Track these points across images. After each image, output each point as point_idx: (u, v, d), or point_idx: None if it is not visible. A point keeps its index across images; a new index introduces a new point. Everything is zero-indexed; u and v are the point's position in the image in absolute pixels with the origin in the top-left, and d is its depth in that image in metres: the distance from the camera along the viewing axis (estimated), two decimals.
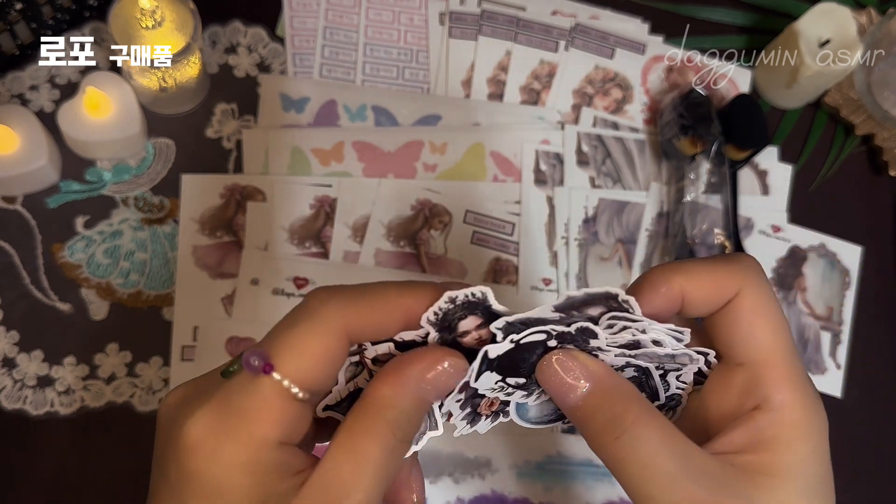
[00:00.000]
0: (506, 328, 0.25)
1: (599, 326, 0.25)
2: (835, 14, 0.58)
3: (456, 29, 0.59)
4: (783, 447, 0.25)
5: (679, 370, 0.27)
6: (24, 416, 0.49)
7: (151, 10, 0.49)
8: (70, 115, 0.51)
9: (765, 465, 0.24)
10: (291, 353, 0.24)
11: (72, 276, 0.52)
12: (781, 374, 0.25)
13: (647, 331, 0.26)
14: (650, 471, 0.24)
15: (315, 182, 0.55)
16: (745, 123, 0.56)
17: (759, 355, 0.25)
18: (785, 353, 0.25)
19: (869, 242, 0.60)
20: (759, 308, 0.26)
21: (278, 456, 0.24)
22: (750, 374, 0.25)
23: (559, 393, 0.25)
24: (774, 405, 0.25)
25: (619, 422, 0.24)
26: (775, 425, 0.25)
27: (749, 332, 0.25)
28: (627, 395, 0.25)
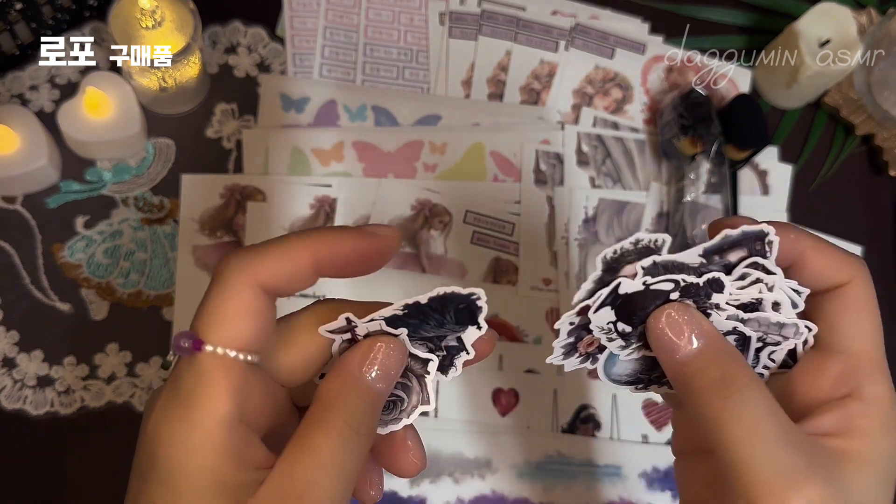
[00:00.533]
0: (650, 269, 0.25)
1: (731, 277, 0.26)
2: (835, 14, 0.58)
3: (456, 29, 0.60)
4: (872, 437, 0.25)
5: (777, 345, 0.28)
6: (24, 416, 0.49)
7: (151, 10, 0.49)
8: (70, 115, 0.51)
9: (853, 451, 0.25)
10: (214, 321, 0.24)
11: (72, 276, 0.52)
12: (878, 368, 0.26)
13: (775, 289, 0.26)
14: (755, 432, 0.24)
15: (315, 182, 0.55)
16: (745, 123, 0.56)
17: (860, 346, 0.26)
18: (881, 350, 0.27)
19: (869, 242, 0.60)
20: (868, 301, 0.27)
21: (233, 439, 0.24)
22: (848, 363, 0.26)
23: (669, 346, 0.26)
24: (867, 395, 0.26)
25: (731, 381, 0.25)
26: (867, 416, 0.25)
27: (856, 321, 0.27)
28: (738, 359, 0.26)
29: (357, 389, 0.25)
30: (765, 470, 0.24)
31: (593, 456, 0.52)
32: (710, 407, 0.25)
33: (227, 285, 0.25)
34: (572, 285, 0.55)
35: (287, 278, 0.25)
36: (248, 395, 0.24)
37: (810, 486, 0.23)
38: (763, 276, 0.26)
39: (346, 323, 0.26)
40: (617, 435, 0.53)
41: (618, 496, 0.52)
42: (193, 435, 0.23)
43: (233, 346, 0.24)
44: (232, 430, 0.24)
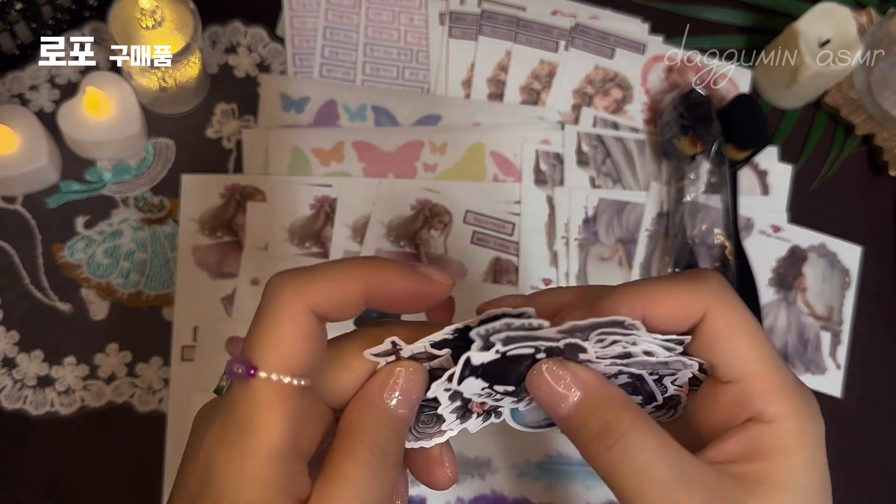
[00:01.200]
0: (505, 340, 0.24)
1: (589, 342, 0.25)
2: (835, 14, 0.58)
3: (456, 29, 0.59)
4: (778, 457, 0.24)
5: (674, 374, 0.27)
6: (24, 416, 0.49)
7: (151, 10, 0.49)
8: (70, 115, 0.51)
9: (760, 475, 0.24)
10: (267, 346, 0.24)
11: (72, 276, 0.52)
12: (771, 387, 0.25)
13: (639, 343, 0.25)
14: (644, 479, 0.23)
15: (315, 182, 0.55)
16: (745, 123, 0.56)
17: (744, 371, 0.25)
18: (771, 365, 0.25)
19: (869, 242, 0.60)
20: (732, 324, 0.25)
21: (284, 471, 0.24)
22: (739, 390, 0.25)
23: (550, 403, 0.25)
24: (768, 417, 0.25)
25: (612, 430, 0.24)
26: (770, 436, 0.24)
27: (729, 350, 0.25)
28: (620, 403, 0.25)
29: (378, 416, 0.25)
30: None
31: None
32: (598, 459, 0.24)
33: (279, 309, 0.24)
34: (572, 285, 0.55)
35: (337, 305, 0.25)
36: (301, 421, 0.24)
37: None
38: (619, 338, 0.25)
39: (391, 346, 0.25)
40: None
41: None
42: (248, 465, 0.23)
43: (286, 372, 0.24)
44: (284, 462, 0.24)
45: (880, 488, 0.56)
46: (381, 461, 0.24)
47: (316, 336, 0.25)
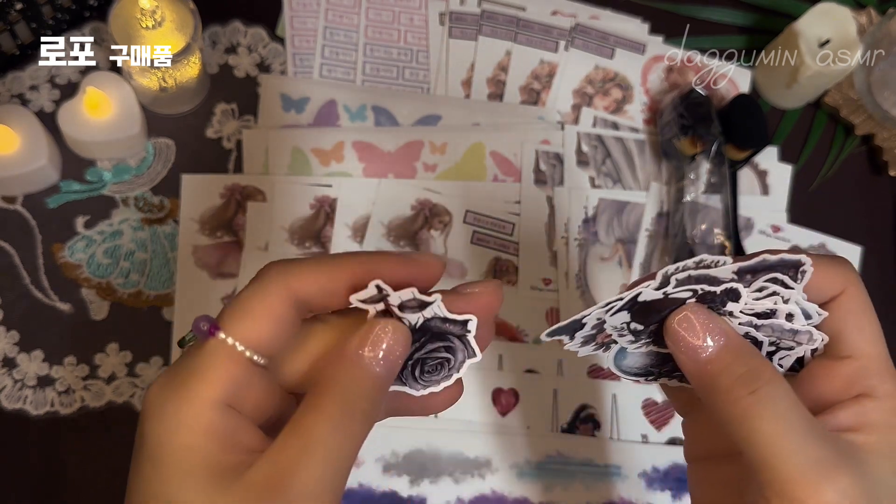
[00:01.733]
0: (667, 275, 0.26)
1: (750, 288, 0.26)
2: (834, 14, 0.58)
3: (456, 29, 0.60)
4: (886, 431, 0.26)
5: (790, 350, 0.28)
6: (24, 415, 0.49)
7: (151, 11, 0.49)
8: (70, 115, 0.51)
9: (870, 444, 0.26)
10: (238, 315, 0.25)
11: (72, 276, 0.52)
12: (885, 368, 0.27)
13: (790, 301, 0.27)
14: (785, 426, 0.24)
15: (315, 182, 0.55)
16: (745, 123, 0.56)
17: (867, 349, 0.27)
18: (886, 352, 0.28)
19: (869, 242, 0.60)
20: (864, 306, 0.28)
21: (223, 420, 0.24)
22: (857, 366, 0.27)
23: (691, 347, 0.26)
24: (880, 394, 0.26)
25: (757, 376, 0.25)
26: (882, 411, 0.26)
27: (859, 326, 0.27)
28: (760, 354, 0.26)
29: (354, 372, 0.25)
30: (797, 462, 0.24)
31: (593, 455, 0.52)
32: (736, 403, 0.25)
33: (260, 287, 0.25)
34: (572, 285, 0.55)
35: (321, 294, 0.26)
36: (247, 389, 0.25)
37: (842, 477, 0.24)
38: (780, 290, 0.27)
39: (377, 291, 0.25)
40: (617, 435, 0.53)
41: (617, 496, 0.52)
42: (181, 412, 0.23)
43: (244, 343, 0.24)
44: (224, 414, 0.24)
45: None
46: (349, 418, 0.24)
47: (285, 321, 0.25)
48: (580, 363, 0.54)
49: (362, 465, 0.50)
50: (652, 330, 0.28)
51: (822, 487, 0.23)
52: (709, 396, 0.26)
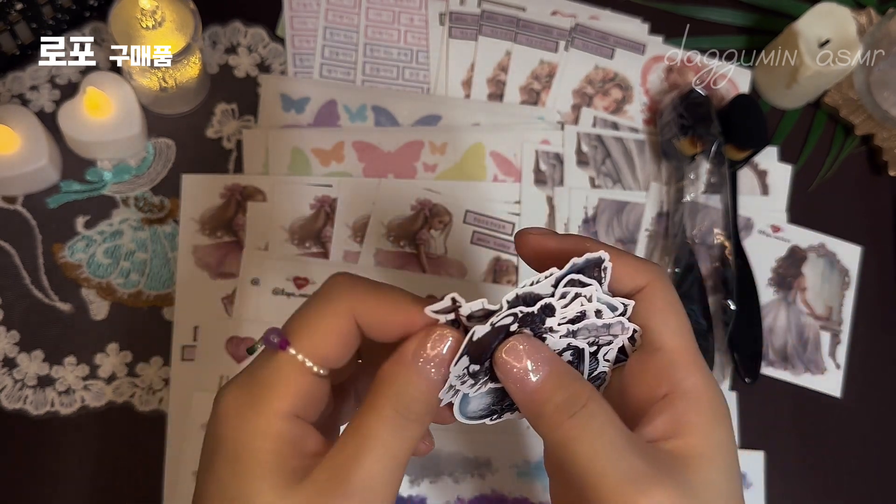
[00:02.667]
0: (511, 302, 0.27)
1: (555, 298, 0.28)
2: (834, 14, 0.58)
3: (456, 29, 0.60)
4: (704, 431, 0.27)
5: (609, 344, 0.29)
6: (24, 415, 0.49)
7: (152, 11, 0.49)
8: (70, 115, 0.51)
9: (689, 449, 0.26)
10: (305, 331, 0.27)
11: (72, 276, 0.52)
12: (692, 361, 0.28)
13: (593, 299, 0.28)
14: (602, 443, 0.25)
15: (315, 182, 0.55)
16: (745, 123, 0.56)
17: (672, 341, 0.28)
18: (693, 344, 0.28)
19: (868, 242, 0.60)
20: (671, 301, 0.29)
21: (292, 429, 0.26)
22: (665, 359, 0.28)
23: (519, 377, 0.27)
24: (688, 388, 0.27)
25: (576, 400, 0.26)
26: (694, 412, 0.27)
27: (664, 319, 0.28)
28: (580, 379, 0.27)
29: (409, 376, 0.26)
30: (613, 477, 0.25)
31: None
32: (558, 428, 0.26)
33: (329, 305, 0.27)
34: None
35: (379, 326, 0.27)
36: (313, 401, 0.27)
37: (657, 489, 0.24)
38: (580, 290, 0.28)
39: (451, 303, 0.26)
40: None
41: None
42: (257, 422, 0.26)
43: (313, 359, 0.27)
44: (293, 423, 0.26)
45: (879, 487, 0.56)
46: (404, 418, 0.26)
47: (350, 338, 0.27)
48: None
49: None
50: (487, 367, 0.28)
51: (636, 500, 0.24)
52: (537, 425, 0.27)
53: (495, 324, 0.26)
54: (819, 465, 0.55)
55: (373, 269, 0.54)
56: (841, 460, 0.56)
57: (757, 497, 0.53)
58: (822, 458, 0.55)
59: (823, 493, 0.55)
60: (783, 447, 0.55)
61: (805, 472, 0.55)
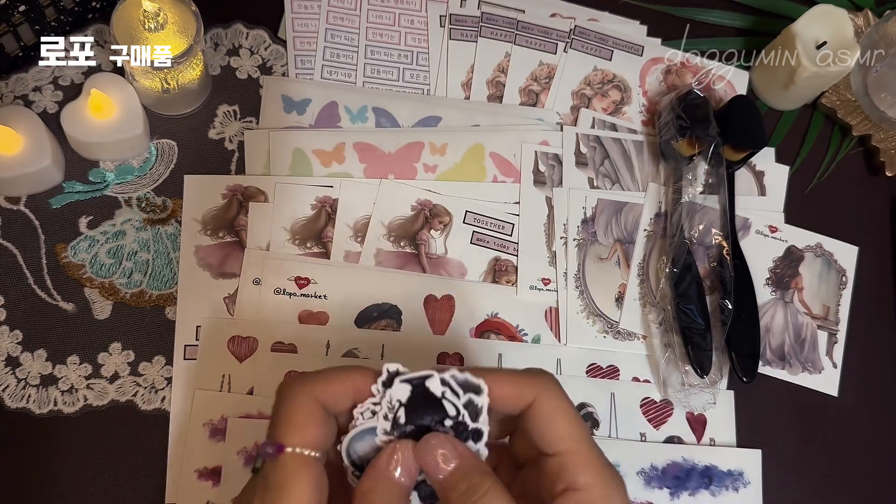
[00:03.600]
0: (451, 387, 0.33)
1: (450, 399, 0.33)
2: (831, 16, 0.58)
3: (456, 31, 0.60)
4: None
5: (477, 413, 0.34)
6: (27, 414, 0.49)
7: (154, 13, 0.49)
8: (73, 116, 0.52)
9: None
10: (289, 428, 0.31)
11: (75, 276, 0.52)
12: (583, 460, 0.32)
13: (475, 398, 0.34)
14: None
15: (316, 183, 0.55)
16: (743, 125, 0.57)
17: (562, 446, 0.32)
18: (584, 443, 0.32)
19: (865, 242, 0.61)
20: (557, 409, 0.33)
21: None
22: (559, 462, 0.32)
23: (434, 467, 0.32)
24: (580, 485, 0.31)
25: (476, 490, 0.31)
26: (583, 501, 0.31)
27: (551, 428, 0.32)
28: (483, 471, 0.32)
29: (387, 484, 0.31)
30: None
31: None
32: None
33: (294, 400, 0.32)
34: (571, 285, 0.56)
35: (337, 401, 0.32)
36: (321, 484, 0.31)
37: None
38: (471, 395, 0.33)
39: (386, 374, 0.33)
40: (615, 433, 0.53)
41: None
42: None
43: (307, 446, 0.31)
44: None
45: (876, 485, 0.56)
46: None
47: (327, 421, 0.32)
48: (579, 362, 0.55)
49: None
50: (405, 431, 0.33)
51: None
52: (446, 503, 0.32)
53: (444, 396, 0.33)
54: (816, 464, 0.56)
55: (373, 269, 0.54)
56: (838, 459, 0.56)
57: (754, 495, 0.54)
58: (820, 457, 0.56)
59: (820, 492, 0.55)
60: (780, 446, 0.55)
61: (802, 470, 0.55)
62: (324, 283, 0.53)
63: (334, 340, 0.52)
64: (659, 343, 0.55)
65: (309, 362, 0.51)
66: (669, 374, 0.54)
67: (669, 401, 0.55)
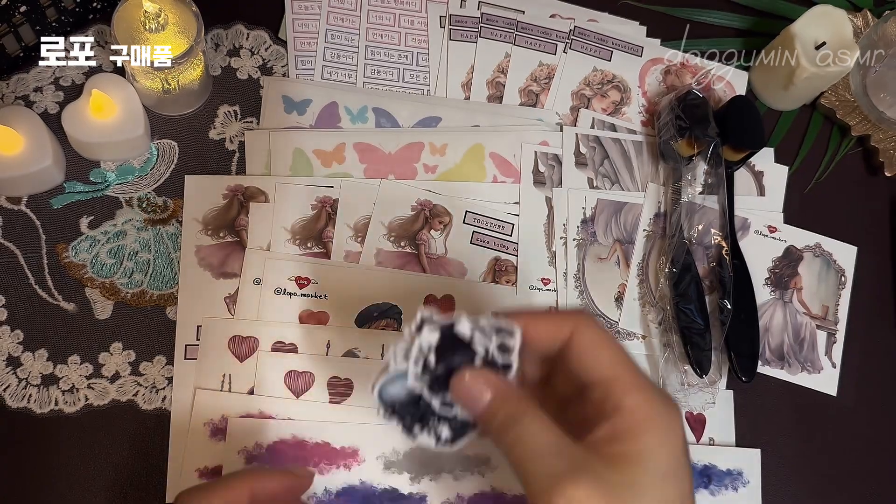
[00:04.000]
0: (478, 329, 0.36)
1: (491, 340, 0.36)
2: (830, 16, 0.59)
3: (456, 32, 0.60)
4: (633, 438, 0.32)
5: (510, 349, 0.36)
6: (28, 414, 0.50)
7: (155, 14, 0.49)
8: (74, 116, 0.52)
9: (620, 453, 0.31)
10: None
11: (76, 276, 0.52)
12: (628, 384, 0.33)
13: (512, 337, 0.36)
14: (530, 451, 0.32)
15: (316, 183, 0.55)
16: (742, 125, 0.57)
17: (605, 373, 0.33)
18: (627, 368, 0.33)
19: (864, 242, 0.61)
20: (597, 339, 0.34)
21: None
22: (604, 389, 0.33)
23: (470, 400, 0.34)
24: (626, 405, 0.32)
25: (514, 417, 0.33)
26: (627, 421, 0.32)
27: (594, 357, 0.34)
28: (518, 397, 0.34)
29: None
30: (538, 477, 0.31)
31: None
32: (504, 438, 0.33)
33: None
34: (570, 285, 0.56)
35: None
36: None
37: (571, 486, 0.30)
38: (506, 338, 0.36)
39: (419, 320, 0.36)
40: None
41: None
42: None
43: None
44: None
45: (875, 485, 0.56)
46: None
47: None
48: None
49: (363, 462, 0.50)
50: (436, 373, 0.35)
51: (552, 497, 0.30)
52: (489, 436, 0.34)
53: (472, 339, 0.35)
54: (815, 464, 0.56)
55: (373, 269, 0.54)
56: (837, 458, 0.56)
57: (754, 495, 0.54)
58: (819, 457, 0.56)
59: (820, 491, 0.55)
60: (780, 445, 0.56)
61: (801, 470, 0.55)
62: (324, 283, 0.53)
63: (334, 340, 0.52)
64: (658, 343, 0.55)
65: (309, 362, 0.51)
66: (669, 373, 0.54)
67: None
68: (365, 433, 0.51)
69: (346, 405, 0.51)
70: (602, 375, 0.33)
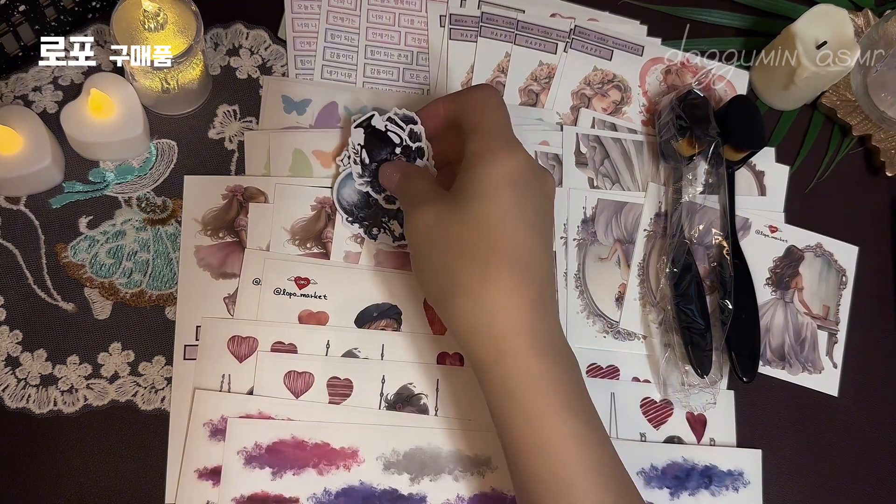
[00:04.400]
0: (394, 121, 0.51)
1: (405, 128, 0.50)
2: (831, 16, 0.58)
3: (456, 31, 0.60)
4: (464, 172, 0.43)
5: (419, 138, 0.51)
6: (27, 414, 0.49)
7: (154, 13, 0.49)
8: (73, 116, 0.52)
9: (457, 185, 0.44)
10: None
11: (75, 276, 0.52)
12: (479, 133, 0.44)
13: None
14: (411, 196, 0.46)
15: (316, 183, 0.55)
16: (743, 125, 0.57)
17: (468, 128, 0.45)
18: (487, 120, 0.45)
19: (865, 242, 0.61)
20: (472, 103, 0.46)
21: None
22: (468, 142, 0.44)
23: (388, 181, 0.49)
24: (468, 150, 0.44)
25: (409, 177, 0.47)
26: (466, 161, 0.44)
27: (468, 118, 0.46)
28: (415, 169, 0.49)
29: None
30: (405, 210, 0.46)
31: None
32: (399, 196, 0.49)
33: None
34: (571, 284, 0.56)
35: None
36: None
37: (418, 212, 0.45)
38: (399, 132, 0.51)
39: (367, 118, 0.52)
40: (615, 433, 0.53)
41: None
42: None
43: None
44: None
45: (876, 485, 0.56)
46: None
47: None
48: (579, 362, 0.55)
49: (363, 463, 0.50)
50: (372, 169, 0.49)
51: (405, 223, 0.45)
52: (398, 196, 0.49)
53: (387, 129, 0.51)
54: (816, 464, 0.56)
55: (373, 269, 0.54)
56: (838, 459, 0.56)
57: (754, 495, 0.54)
58: (819, 457, 0.56)
59: (820, 492, 0.55)
60: (780, 446, 0.55)
61: (802, 470, 0.55)
62: (324, 283, 0.53)
63: (334, 340, 0.52)
64: (659, 343, 0.55)
65: (308, 362, 0.51)
66: (669, 374, 0.54)
67: (669, 401, 0.55)
68: (365, 433, 0.51)
69: (346, 405, 0.51)
70: (468, 129, 0.43)
